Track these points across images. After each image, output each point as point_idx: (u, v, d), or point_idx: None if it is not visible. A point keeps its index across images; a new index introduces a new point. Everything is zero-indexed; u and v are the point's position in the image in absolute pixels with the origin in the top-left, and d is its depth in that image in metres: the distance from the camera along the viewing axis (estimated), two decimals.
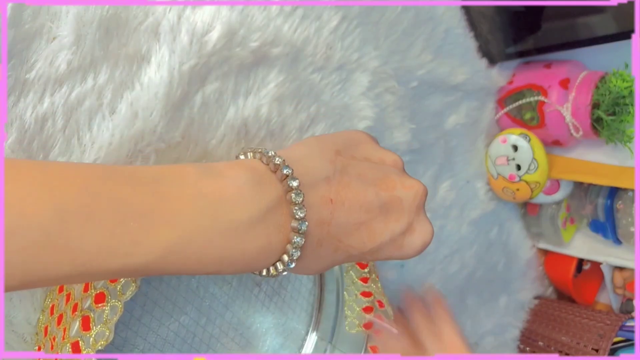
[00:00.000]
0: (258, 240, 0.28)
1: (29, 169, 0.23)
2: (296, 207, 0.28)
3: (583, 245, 0.72)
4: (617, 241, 0.67)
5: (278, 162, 0.29)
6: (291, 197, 0.28)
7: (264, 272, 0.30)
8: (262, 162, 0.30)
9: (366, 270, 0.41)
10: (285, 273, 0.30)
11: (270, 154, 0.29)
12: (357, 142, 0.34)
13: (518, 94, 0.64)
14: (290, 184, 0.28)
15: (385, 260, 0.34)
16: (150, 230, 0.24)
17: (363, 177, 0.31)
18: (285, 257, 0.29)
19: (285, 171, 0.29)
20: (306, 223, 0.28)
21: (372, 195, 0.31)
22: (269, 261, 0.29)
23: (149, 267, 0.24)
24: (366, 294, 0.44)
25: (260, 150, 0.30)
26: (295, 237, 0.28)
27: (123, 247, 0.23)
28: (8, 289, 0.22)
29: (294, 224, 0.28)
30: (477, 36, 0.60)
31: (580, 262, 0.75)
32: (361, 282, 0.42)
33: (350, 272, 0.42)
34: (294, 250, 0.28)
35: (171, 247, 0.25)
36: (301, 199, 0.28)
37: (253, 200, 0.27)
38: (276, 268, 0.29)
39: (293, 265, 0.29)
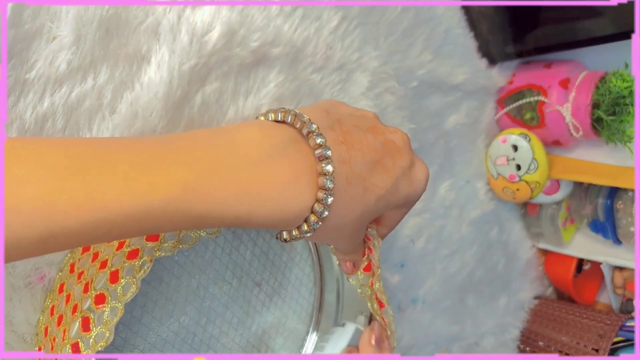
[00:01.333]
0: (282, 171, 0.28)
1: (41, 138, 0.25)
2: (314, 134, 0.29)
3: (583, 245, 0.72)
4: (617, 241, 0.67)
5: (283, 110, 0.30)
6: (308, 127, 0.29)
7: (304, 227, 0.29)
8: (268, 118, 0.31)
9: (368, 274, 0.41)
10: (326, 214, 0.29)
11: (272, 110, 0.31)
12: (335, 105, 0.35)
13: (518, 94, 0.64)
14: (302, 118, 0.29)
15: (404, 200, 0.34)
16: (166, 171, 0.24)
17: (357, 127, 0.33)
18: (320, 194, 0.28)
19: (293, 112, 0.30)
20: (330, 148, 0.29)
21: (371, 139, 0.32)
22: (302, 201, 0.28)
23: (172, 207, 0.24)
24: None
25: (262, 114, 0.31)
26: (323, 164, 0.29)
27: (142, 188, 0.23)
28: (30, 242, 0.21)
29: (318, 150, 0.29)
30: (477, 36, 0.60)
31: (580, 262, 0.75)
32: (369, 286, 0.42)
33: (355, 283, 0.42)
34: (326, 180, 0.28)
35: (190, 184, 0.25)
36: (315, 126, 0.29)
37: (266, 139, 0.28)
38: (313, 210, 0.29)
39: (330, 200, 0.28)
